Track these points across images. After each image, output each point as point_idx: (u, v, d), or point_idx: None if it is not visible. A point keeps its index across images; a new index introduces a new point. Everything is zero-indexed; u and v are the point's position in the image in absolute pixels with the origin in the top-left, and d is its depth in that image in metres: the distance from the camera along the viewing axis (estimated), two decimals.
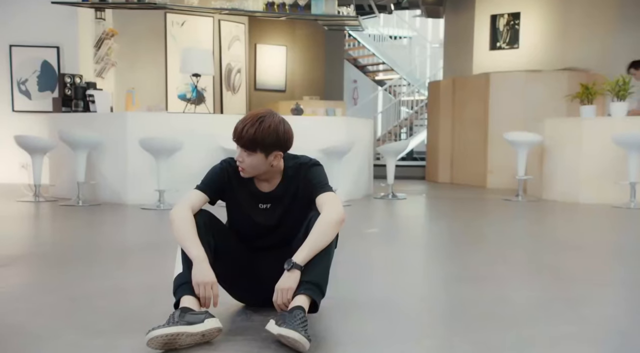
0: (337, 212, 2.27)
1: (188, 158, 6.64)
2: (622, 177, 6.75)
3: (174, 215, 2.33)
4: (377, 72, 16.83)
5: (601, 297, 2.86)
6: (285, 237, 2.46)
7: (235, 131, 2.31)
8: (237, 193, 2.44)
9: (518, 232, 5.30)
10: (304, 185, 2.39)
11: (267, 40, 11.27)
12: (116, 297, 2.81)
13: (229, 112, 9.77)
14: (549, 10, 10.20)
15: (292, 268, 2.19)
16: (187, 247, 2.25)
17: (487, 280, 3.18)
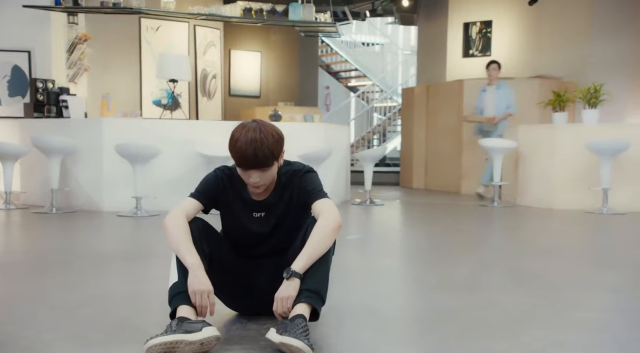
0: (335, 219, 2.26)
1: (165, 164, 6.59)
2: (595, 183, 6.89)
3: (168, 223, 2.30)
4: (350, 78, 16.91)
5: (589, 302, 2.90)
6: (279, 245, 2.45)
7: (246, 159, 2.21)
8: (232, 202, 2.42)
9: (499, 238, 5.37)
10: (298, 192, 2.38)
11: (242, 46, 11.23)
12: (100, 306, 2.76)
13: (204, 118, 9.71)
14: (520, 19, 10.38)
15: (291, 276, 2.17)
16: (182, 254, 2.22)
17: (474, 287, 3.21)
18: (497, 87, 8.15)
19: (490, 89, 8.21)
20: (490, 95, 8.19)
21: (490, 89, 8.21)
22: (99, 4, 7.35)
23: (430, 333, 2.39)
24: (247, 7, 7.40)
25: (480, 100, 8.33)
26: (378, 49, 17.47)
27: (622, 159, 6.83)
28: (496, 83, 8.18)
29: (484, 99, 8.25)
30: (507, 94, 8.10)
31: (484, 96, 8.28)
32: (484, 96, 8.27)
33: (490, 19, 10.51)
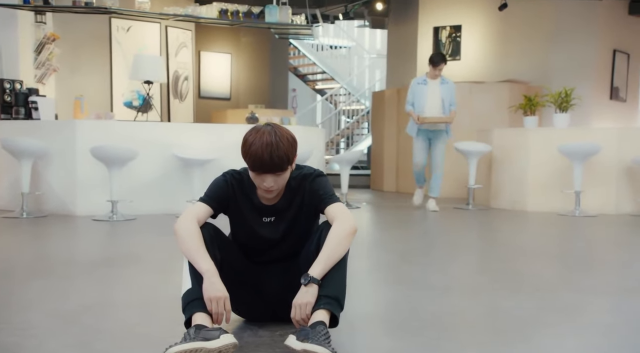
0: (350, 223, 2.26)
1: (142, 167, 6.48)
2: (567, 186, 7.05)
3: (180, 228, 2.26)
4: (317, 81, 16.94)
5: (590, 306, 2.95)
6: (289, 250, 2.44)
7: (262, 162, 2.19)
8: (241, 207, 2.39)
9: (481, 240, 5.44)
10: (309, 196, 2.36)
11: (212, 48, 11.13)
12: (102, 313, 2.70)
13: (176, 120, 9.57)
14: (489, 24, 10.55)
15: (309, 282, 2.15)
16: (196, 260, 2.18)
17: (473, 290, 3.24)
18: (442, 81, 7.11)
19: (433, 83, 7.11)
20: (433, 89, 7.08)
21: (433, 83, 7.10)
22: (71, 3, 7.17)
23: (447, 339, 2.38)
24: (223, 8, 7.34)
25: (418, 94, 7.06)
26: (344, 52, 17.53)
27: (593, 162, 7.01)
28: (440, 77, 7.14)
29: (424, 94, 7.04)
30: (452, 89, 7.11)
31: (423, 90, 7.07)
32: (424, 90, 7.06)
33: (460, 24, 10.66)
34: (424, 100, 7.04)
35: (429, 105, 7.04)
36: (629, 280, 3.62)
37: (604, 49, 10.76)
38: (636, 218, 6.75)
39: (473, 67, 10.51)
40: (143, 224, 5.88)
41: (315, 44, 15.95)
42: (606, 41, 10.76)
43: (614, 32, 10.84)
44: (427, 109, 7.03)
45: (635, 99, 11.21)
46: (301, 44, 15.47)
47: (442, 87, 7.09)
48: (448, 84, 7.12)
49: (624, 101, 11.22)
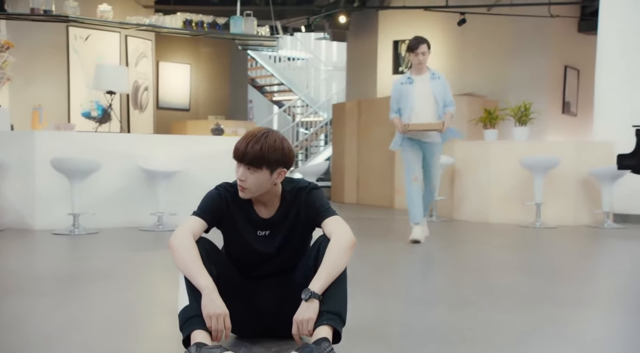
0: (349, 236, 2.25)
1: (105, 179, 6.31)
2: (528, 198, 7.21)
3: (176, 243, 2.21)
4: (274, 92, 16.92)
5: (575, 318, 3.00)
6: (284, 265, 2.41)
7: (238, 149, 2.23)
8: (235, 220, 2.35)
9: (450, 252, 5.47)
10: (305, 209, 2.34)
11: (171, 58, 10.98)
12: (89, 332, 2.59)
13: (136, 130, 9.38)
14: (448, 38, 10.77)
15: (310, 298, 2.12)
16: (194, 276, 2.14)
17: (458, 303, 3.25)
18: (432, 76, 5.52)
19: (421, 79, 5.50)
20: (421, 87, 5.48)
21: (421, 80, 5.49)
22: (29, 10, 6.95)
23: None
24: (187, 19, 7.26)
25: (404, 97, 5.49)
26: (301, 64, 17.59)
27: (553, 174, 7.19)
28: (428, 71, 5.56)
29: (411, 95, 5.46)
30: (445, 84, 5.56)
31: (410, 91, 5.46)
32: (410, 91, 5.46)
33: None
34: (412, 102, 5.43)
35: (419, 109, 5.45)
36: (606, 293, 3.72)
37: (555, 64, 11.12)
38: (593, 229, 6.96)
39: None
40: (107, 238, 5.72)
41: (272, 56, 15.93)
42: (558, 57, 11.12)
43: (565, 48, 11.21)
44: (418, 114, 5.44)
45: (585, 113, 11.58)
46: (259, 55, 15.44)
47: (434, 84, 5.46)
48: (440, 79, 5.52)
49: (574, 115, 11.60)
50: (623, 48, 7.62)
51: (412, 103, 5.46)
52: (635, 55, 7.51)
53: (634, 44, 7.52)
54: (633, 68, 7.51)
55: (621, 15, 7.69)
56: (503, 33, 10.45)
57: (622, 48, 7.62)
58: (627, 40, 7.59)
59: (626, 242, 6.04)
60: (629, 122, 6.29)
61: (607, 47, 7.80)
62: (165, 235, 6.03)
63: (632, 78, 7.50)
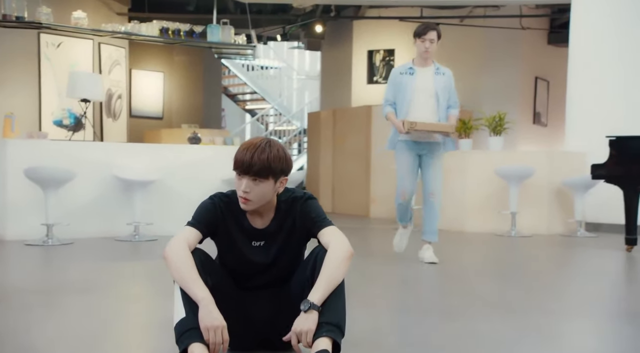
0: (346, 246, 2.24)
1: (79, 189, 6.19)
2: (504, 207, 7.30)
3: (171, 254, 2.17)
4: (247, 101, 16.87)
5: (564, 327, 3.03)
6: (279, 275, 2.39)
7: (242, 161, 2.19)
8: (230, 230, 2.33)
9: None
10: (301, 219, 2.33)
11: (144, 66, 10.87)
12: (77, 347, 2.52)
13: (109, 139, 9.24)
14: None
15: (309, 309, 2.10)
16: (190, 288, 2.11)
17: (447, 312, 3.26)
18: (437, 70, 4.81)
19: (424, 72, 4.78)
20: (423, 81, 4.76)
21: (424, 73, 4.78)
22: (1, 16, 6.81)
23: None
24: (164, 26, 7.20)
25: (402, 89, 4.77)
26: (273, 73, 17.58)
27: (527, 184, 7.29)
28: (433, 64, 4.83)
29: (410, 88, 4.74)
30: (450, 82, 4.84)
31: (409, 83, 4.75)
32: (410, 83, 4.75)
33: (393, 48, 10.93)
34: (409, 97, 4.73)
35: (416, 106, 4.74)
36: (586, 301, 3.77)
37: (526, 75, 11.33)
38: (566, 238, 7.07)
39: None
40: (82, 248, 5.61)
41: (245, 64, 15.90)
42: (528, 68, 11.34)
43: (535, 60, 11.44)
44: (414, 111, 4.73)
45: (555, 123, 11.80)
46: (232, 63, 15.39)
47: (437, 79, 4.77)
48: (445, 75, 4.80)
49: (545, 126, 11.82)
50: (594, 59, 7.78)
51: (410, 97, 4.73)
52: (606, 67, 7.68)
53: (605, 55, 7.69)
54: (604, 79, 7.67)
55: (592, 27, 7.86)
56: (476, 44, 10.61)
57: (593, 59, 7.79)
58: (597, 51, 7.77)
59: (599, 250, 6.14)
60: (600, 133, 6.44)
61: (578, 58, 7.97)
62: (141, 245, 5.94)
63: (603, 89, 7.66)
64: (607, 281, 4.62)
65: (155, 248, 5.81)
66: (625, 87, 7.51)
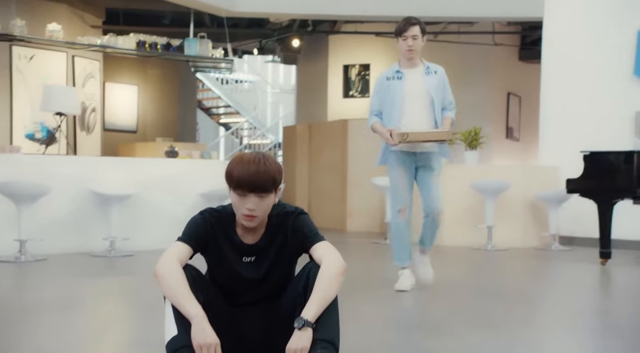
0: (339, 262, 2.23)
1: (53, 203, 6.06)
2: (480, 220, 7.37)
3: (163, 270, 2.14)
4: (221, 114, 16.82)
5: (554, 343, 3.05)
6: (270, 291, 2.36)
7: (247, 179, 2.15)
8: (220, 246, 2.30)
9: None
10: (292, 235, 2.31)
11: (118, 79, 10.78)
12: None
13: (83, 153, 9.11)
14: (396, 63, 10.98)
15: (304, 326, 2.08)
16: (182, 305, 2.08)
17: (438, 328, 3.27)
18: (427, 70, 4.33)
19: (413, 73, 4.30)
20: (413, 84, 4.27)
21: (413, 74, 4.30)
22: None
23: None
24: (141, 40, 7.16)
25: (389, 96, 4.28)
26: (248, 87, 17.58)
27: (502, 198, 7.38)
28: (421, 64, 4.36)
29: (399, 93, 4.25)
30: (443, 81, 4.36)
31: (397, 88, 4.26)
32: (398, 88, 4.26)
33: (369, 63, 11.02)
34: (400, 103, 4.23)
35: (409, 113, 4.23)
36: (565, 315, 3.80)
37: (499, 91, 11.52)
38: (541, 251, 7.15)
39: None
40: (56, 265, 5.50)
41: (219, 78, 15.87)
42: (501, 84, 11.53)
43: (507, 76, 11.65)
44: (408, 119, 4.23)
45: (527, 138, 12.00)
46: (206, 77, 15.34)
47: (428, 80, 4.28)
48: (436, 74, 4.32)
49: (517, 140, 12.01)
50: (566, 76, 7.94)
51: (400, 103, 4.22)
52: (577, 83, 7.84)
53: (576, 71, 7.86)
54: (576, 95, 7.83)
55: (563, 43, 8.03)
56: (450, 60, 10.72)
57: (565, 76, 7.95)
58: (569, 68, 7.93)
59: (574, 264, 6.22)
60: (573, 147, 6.56)
61: (550, 74, 8.12)
62: (117, 261, 5.85)
63: (575, 105, 7.82)
64: (586, 295, 4.69)
65: (131, 263, 5.75)
66: (597, 102, 7.67)
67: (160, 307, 3.20)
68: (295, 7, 8.43)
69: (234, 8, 7.81)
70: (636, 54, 7.35)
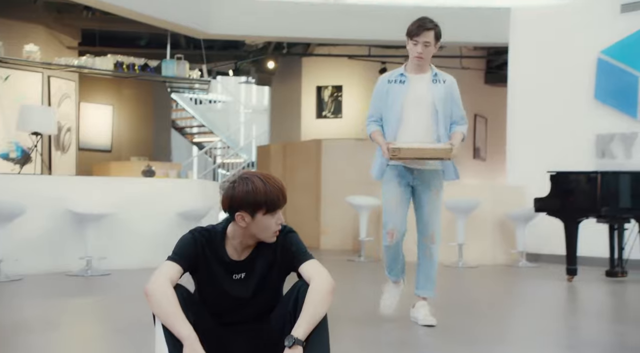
0: (328, 281, 2.25)
1: (29, 223, 6.00)
2: (451, 238, 7.55)
3: (154, 290, 2.15)
4: (194, 134, 16.89)
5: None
6: (259, 310, 2.38)
7: (280, 197, 2.27)
8: (210, 264, 2.32)
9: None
10: (282, 252, 2.34)
11: (93, 99, 10.80)
12: None
13: (57, 172, 9.10)
14: (368, 85, 11.21)
15: (294, 344, 2.10)
16: (174, 325, 2.10)
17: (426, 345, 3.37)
18: (434, 77, 3.86)
19: (418, 79, 3.85)
20: (417, 91, 3.83)
21: (418, 80, 3.85)
22: None
23: None
24: (119, 61, 7.25)
25: (389, 101, 3.85)
26: (221, 107, 17.70)
27: (473, 216, 7.59)
28: (430, 71, 3.89)
29: (399, 99, 3.81)
30: (452, 93, 3.89)
31: (399, 94, 3.82)
32: (400, 94, 3.82)
33: (341, 84, 11.27)
34: (400, 111, 3.81)
35: (409, 122, 3.81)
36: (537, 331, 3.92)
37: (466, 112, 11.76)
38: (510, 268, 7.36)
39: (354, 125, 11.07)
40: (32, 285, 5.45)
41: (193, 98, 15.96)
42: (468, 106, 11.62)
43: (474, 98, 11.95)
44: (406, 129, 3.81)
45: (493, 158, 12.32)
46: (180, 97, 15.42)
47: (435, 89, 3.82)
48: (445, 84, 3.86)
49: (484, 160, 12.34)
50: (531, 99, 8.25)
51: (400, 111, 3.79)
52: (542, 106, 8.15)
53: (541, 95, 8.17)
54: (541, 118, 8.13)
55: (528, 67, 8.35)
56: None
57: (530, 99, 8.26)
58: (534, 91, 8.24)
59: (542, 280, 6.42)
60: (539, 167, 6.82)
61: (516, 98, 8.42)
62: (94, 280, 5.84)
63: (540, 127, 8.11)
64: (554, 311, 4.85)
65: (109, 282, 5.73)
66: (560, 124, 7.96)
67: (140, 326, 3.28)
68: (270, 30, 8.62)
69: (210, 30, 7.96)
70: (596, 79, 7.70)
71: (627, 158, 7.44)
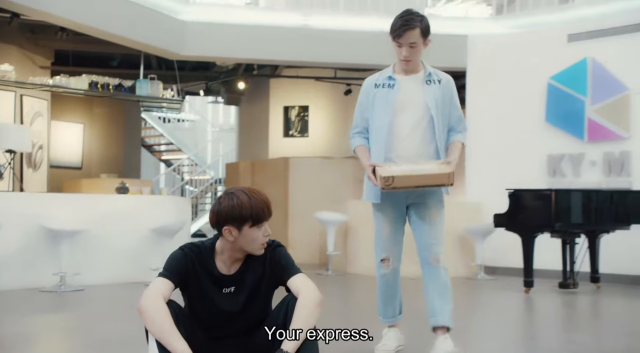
0: (316, 294, 2.31)
1: (3, 240, 6.01)
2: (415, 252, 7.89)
3: (147, 307, 2.20)
4: (163, 152, 17.07)
5: None
6: (249, 324, 2.43)
7: (267, 209, 2.38)
8: (201, 279, 2.37)
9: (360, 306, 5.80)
10: (270, 266, 2.40)
11: (64, 117, 10.93)
12: None
13: (29, 189, 9.17)
14: (333, 105, 11.65)
15: None
16: (168, 341, 2.14)
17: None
18: (428, 76, 3.35)
19: (409, 80, 3.35)
20: (409, 95, 3.32)
21: (410, 81, 3.35)
22: None
23: None
24: (94, 80, 7.46)
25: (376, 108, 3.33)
26: (189, 125, 17.93)
27: None
28: (422, 69, 3.39)
29: (389, 106, 3.29)
30: (450, 94, 3.37)
31: (388, 100, 3.31)
32: (389, 99, 3.31)
33: (308, 104, 11.63)
34: (389, 119, 3.29)
35: (400, 133, 3.30)
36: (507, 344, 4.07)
37: None
38: (469, 280, 7.67)
39: (321, 144, 11.44)
40: (5, 301, 5.45)
41: (162, 117, 16.17)
42: None
43: None
44: (397, 142, 3.30)
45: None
46: (149, 116, 15.60)
47: (429, 91, 3.32)
48: (440, 84, 3.33)
49: None
50: (488, 120, 8.69)
51: (390, 121, 3.26)
52: (498, 127, 8.60)
53: (497, 116, 8.63)
54: (497, 138, 8.58)
55: (484, 90, 8.83)
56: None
57: (486, 120, 8.69)
58: (490, 113, 8.69)
59: (501, 292, 6.69)
60: (495, 185, 7.21)
61: (474, 119, 8.83)
62: (68, 296, 5.84)
63: (497, 147, 8.56)
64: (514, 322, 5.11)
65: (82, 298, 5.76)
66: (515, 145, 8.42)
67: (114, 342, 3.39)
68: (240, 51, 8.90)
69: (183, 52, 8.21)
70: (547, 103, 8.22)
71: (576, 176, 7.92)
